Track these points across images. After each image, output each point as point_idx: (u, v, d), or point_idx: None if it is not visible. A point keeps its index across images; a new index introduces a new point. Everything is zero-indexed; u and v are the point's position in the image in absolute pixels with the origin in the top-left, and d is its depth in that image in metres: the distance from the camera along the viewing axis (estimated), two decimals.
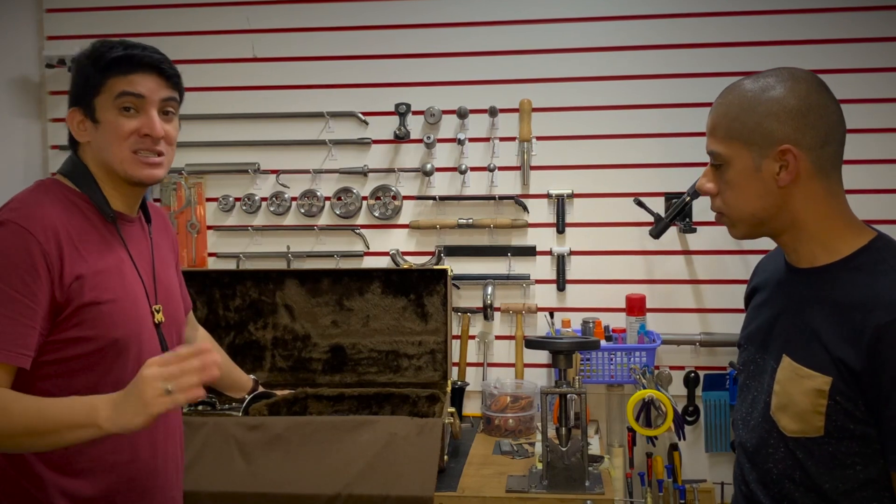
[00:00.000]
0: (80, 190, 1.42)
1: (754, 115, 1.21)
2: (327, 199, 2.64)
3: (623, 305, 2.45)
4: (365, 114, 2.60)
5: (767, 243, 1.42)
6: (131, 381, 1.21)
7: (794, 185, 1.21)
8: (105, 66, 1.39)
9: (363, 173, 2.61)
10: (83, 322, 1.33)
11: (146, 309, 1.45)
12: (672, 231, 2.44)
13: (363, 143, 2.61)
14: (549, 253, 2.56)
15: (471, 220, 2.56)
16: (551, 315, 2.53)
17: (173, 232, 1.69)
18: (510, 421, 2.33)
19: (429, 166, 2.55)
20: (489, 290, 2.54)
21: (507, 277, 2.56)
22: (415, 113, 2.58)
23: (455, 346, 2.55)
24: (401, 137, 2.57)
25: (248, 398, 2.09)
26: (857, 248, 1.21)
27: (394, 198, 2.61)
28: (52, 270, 1.29)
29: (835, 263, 1.22)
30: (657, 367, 2.37)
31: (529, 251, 2.57)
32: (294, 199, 2.65)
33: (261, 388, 2.14)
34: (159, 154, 1.43)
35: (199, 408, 2.18)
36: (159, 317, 1.48)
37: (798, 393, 1.19)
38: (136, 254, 1.47)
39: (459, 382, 2.49)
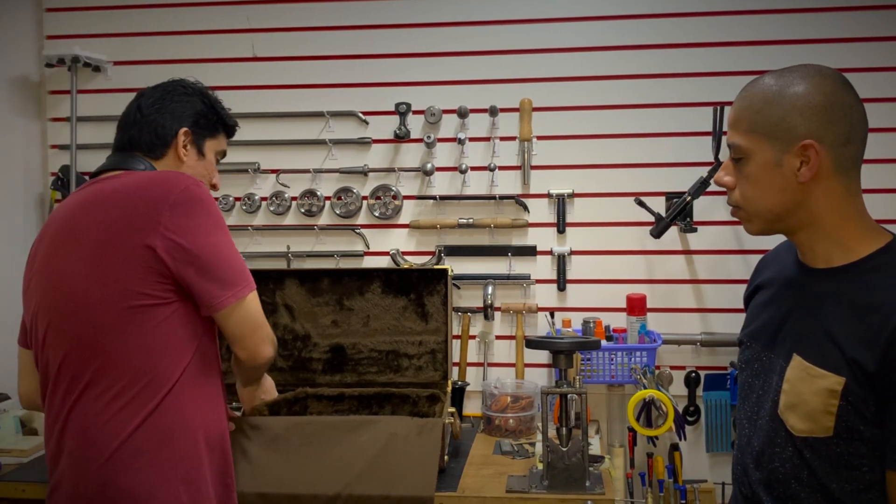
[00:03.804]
0: None
1: (778, 109, 1.20)
2: (327, 198, 2.63)
3: (624, 305, 2.44)
4: (365, 113, 2.60)
5: (770, 243, 1.42)
6: None
7: (813, 182, 1.20)
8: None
9: (363, 173, 2.60)
10: None
11: None
12: (673, 231, 2.44)
13: (363, 143, 2.61)
14: (550, 253, 2.55)
15: (471, 220, 2.56)
16: (552, 315, 2.52)
17: None
18: (510, 421, 2.33)
19: (429, 166, 2.54)
20: (489, 289, 2.54)
21: (508, 277, 2.56)
22: (415, 112, 2.57)
23: (455, 345, 2.54)
24: (401, 137, 2.57)
25: None
26: (874, 250, 1.20)
27: (394, 197, 2.60)
28: None
29: (852, 264, 1.21)
30: (658, 367, 2.36)
31: (530, 251, 2.56)
32: (294, 198, 2.65)
33: None
34: None
35: None
36: None
37: (809, 392, 1.18)
38: None
39: (460, 382, 2.48)
